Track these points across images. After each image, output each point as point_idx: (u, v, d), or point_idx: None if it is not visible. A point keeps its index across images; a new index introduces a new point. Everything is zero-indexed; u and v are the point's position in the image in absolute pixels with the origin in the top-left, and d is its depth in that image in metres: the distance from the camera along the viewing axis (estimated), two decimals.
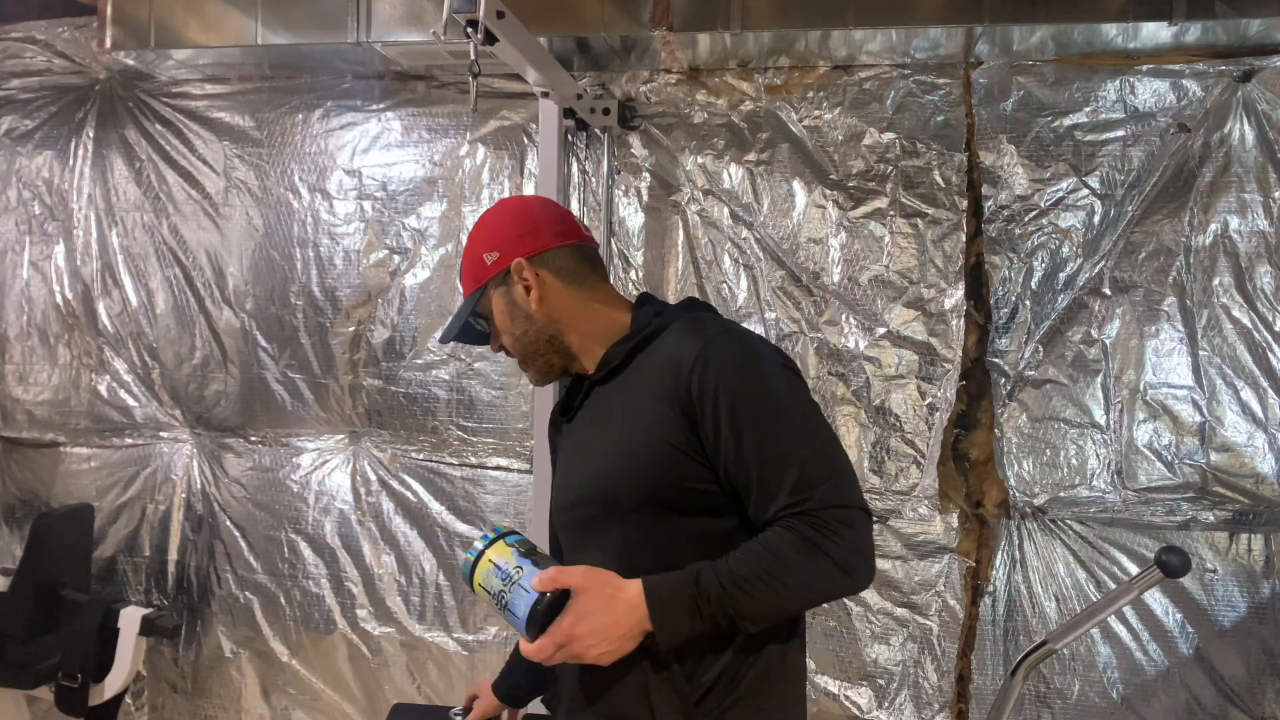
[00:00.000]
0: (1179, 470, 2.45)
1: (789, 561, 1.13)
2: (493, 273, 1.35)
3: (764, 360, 1.22)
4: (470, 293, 1.39)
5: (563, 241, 1.36)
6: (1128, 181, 2.49)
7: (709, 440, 1.18)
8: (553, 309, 1.34)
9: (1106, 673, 2.47)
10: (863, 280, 2.61)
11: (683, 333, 1.24)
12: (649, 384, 1.23)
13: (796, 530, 1.13)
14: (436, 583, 2.84)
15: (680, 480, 1.19)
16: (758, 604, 1.13)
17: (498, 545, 1.19)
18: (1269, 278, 2.44)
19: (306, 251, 2.92)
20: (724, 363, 1.18)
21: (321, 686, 2.91)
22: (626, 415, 1.24)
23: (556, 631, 1.13)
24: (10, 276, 3.11)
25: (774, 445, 1.16)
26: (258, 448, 2.96)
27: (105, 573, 3.03)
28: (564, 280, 1.34)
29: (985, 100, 2.56)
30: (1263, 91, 2.43)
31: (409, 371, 2.86)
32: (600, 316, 1.35)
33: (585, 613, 1.13)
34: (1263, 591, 2.42)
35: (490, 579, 1.18)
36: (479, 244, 1.38)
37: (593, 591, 1.13)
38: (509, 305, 1.35)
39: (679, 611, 1.13)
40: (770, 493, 1.15)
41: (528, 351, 1.37)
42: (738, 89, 2.69)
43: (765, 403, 1.17)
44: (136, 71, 2.97)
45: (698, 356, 1.18)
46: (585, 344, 1.35)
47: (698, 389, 1.17)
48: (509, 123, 2.81)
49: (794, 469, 1.15)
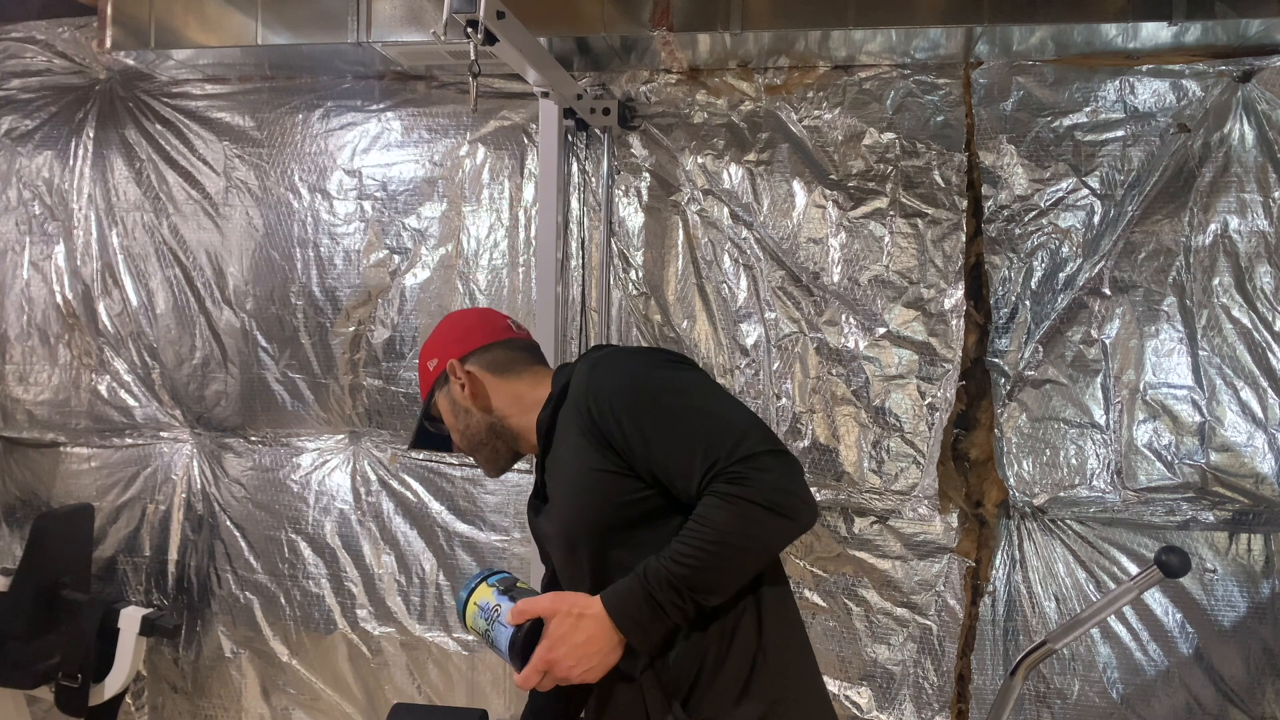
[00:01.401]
0: (1179, 470, 2.45)
1: (718, 522, 1.15)
2: (434, 376, 1.50)
3: (643, 363, 1.32)
4: (424, 399, 1.53)
5: (490, 339, 1.49)
6: (1128, 181, 2.49)
7: (625, 453, 1.24)
8: (486, 400, 1.46)
9: (1106, 673, 2.47)
10: (863, 280, 2.61)
11: (577, 374, 1.33)
12: (568, 427, 1.31)
13: (717, 492, 1.17)
14: (436, 583, 2.84)
15: (620, 498, 1.25)
16: (707, 575, 1.17)
17: (480, 588, 1.28)
18: (1269, 278, 2.44)
19: (306, 251, 2.93)
20: (609, 381, 1.27)
21: (321, 686, 2.91)
22: (565, 462, 1.32)
23: (536, 660, 1.19)
24: (10, 276, 3.11)
25: (675, 432, 1.21)
26: (258, 448, 2.97)
27: (105, 573, 3.03)
28: (494, 372, 1.46)
29: (985, 100, 2.56)
30: (1262, 91, 2.44)
31: (409, 371, 2.86)
32: (529, 397, 1.44)
33: (558, 637, 1.18)
34: (1262, 591, 2.42)
35: (476, 620, 1.26)
36: (424, 355, 1.53)
37: (560, 615, 1.19)
38: (451, 404, 1.49)
39: (639, 610, 1.17)
40: (687, 474, 1.19)
41: (474, 442, 1.49)
42: (738, 89, 2.69)
43: (654, 399, 1.24)
44: (136, 71, 2.97)
45: (587, 386, 1.27)
46: (522, 425, 1.45)
47: (597, 413, 1.25)
48: (509, 123, 2.82)
49: (699, 443, 1.19)
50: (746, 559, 1.20)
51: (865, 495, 2.58)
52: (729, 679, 1.23)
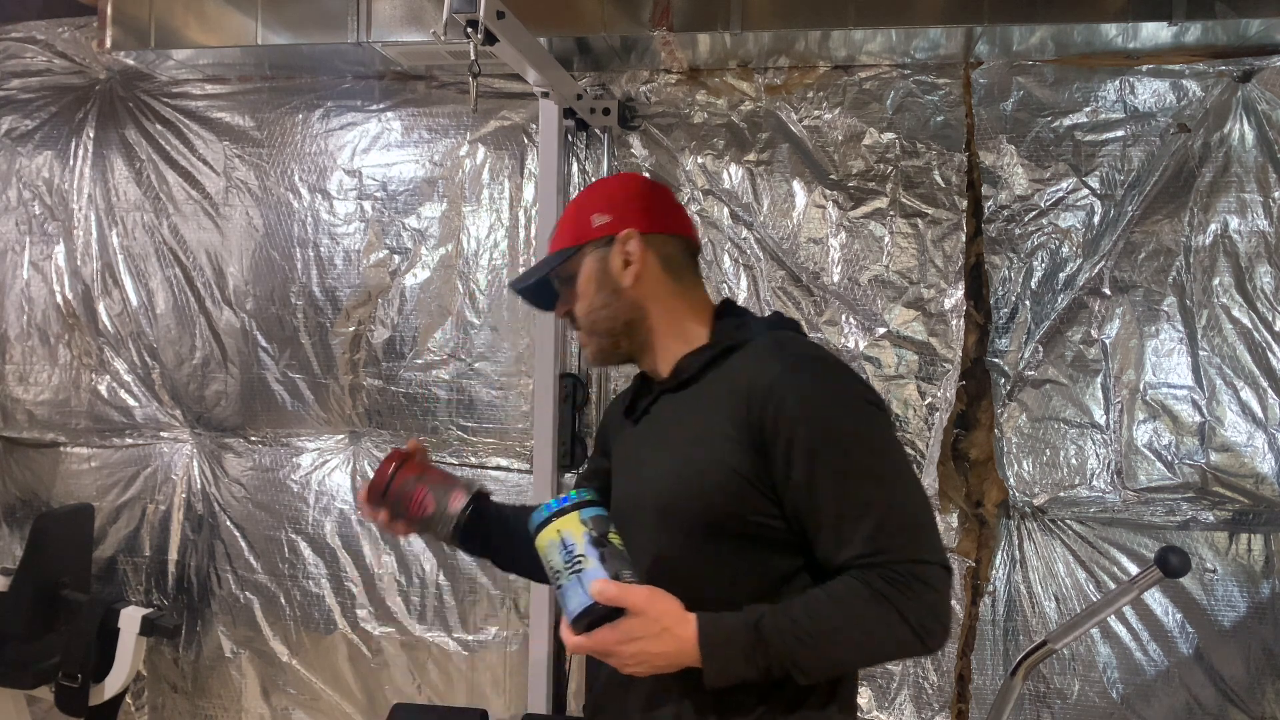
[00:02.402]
0: (1179, 470, 2.45)
1: (859, 617, 1.06)
2: (596, 235, 1.27)
3: (846, 393, 1.15)
4: (562, 248, 1.30)
5: (678, 231, 1.31)
6: (1127, 181, 2.49)
7: (779, 474, 1.11)
8: (643, 293, 1.26)
9: (1106, 673, 2.47)
10: (863, 280, 2.61)
11: (762, 354, 1.17)
12: (721, 403, 1.16)
13: (870, 584, 1.06)
14: (436, 583, 2.84)
15: (740, 509, 1.13)
16: (818, 658, 1.07)
17: (571, 517, 1.10)
18: (1269, 278, 2.44)
19: (306, 251, 2.92)
20: (803, 393, 1.11)
21: (321, 686, 2.91)
22: (693, 432, 1.18)
23: (599, 640, 1.08)
24: (10, 276, 3.11)
25: (851, 488, 1.09)
26: (258, 448, 2.96)
27: (105, 573, 3.03)
28: (665, 269, 1.27)
29: (985, 100, 2.56)
30: (1263, 91, 2.44)
31: (409, 371, 2.86)
32: (684, 318, 1.28)
33: (634, 636, 1.07)
34: (1263, 591, 2.42)
35: (552, 553, 1.10)
36: (591, 204, 1.30)
37: (648, 618, 1.06)
38: (600, 273, 1.27)
39: (733, 656, 1.06)
40: (844, 539, 1.08)
41: (599, 327, 1.28)
42: (738, 89, 2.69)
43: (845, 441, 1.10)
44: (136, 71, 2.97)
45: (775, 383, 1.11)
46: (662, 341, 1.28)
47: (772, 418, 1.10)
48: (509, 123, 2.82)
49: (871, 516, 1.07)
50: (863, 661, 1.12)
51: None
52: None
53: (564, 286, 1.32)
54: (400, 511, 1.30)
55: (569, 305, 1.32)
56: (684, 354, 1.25)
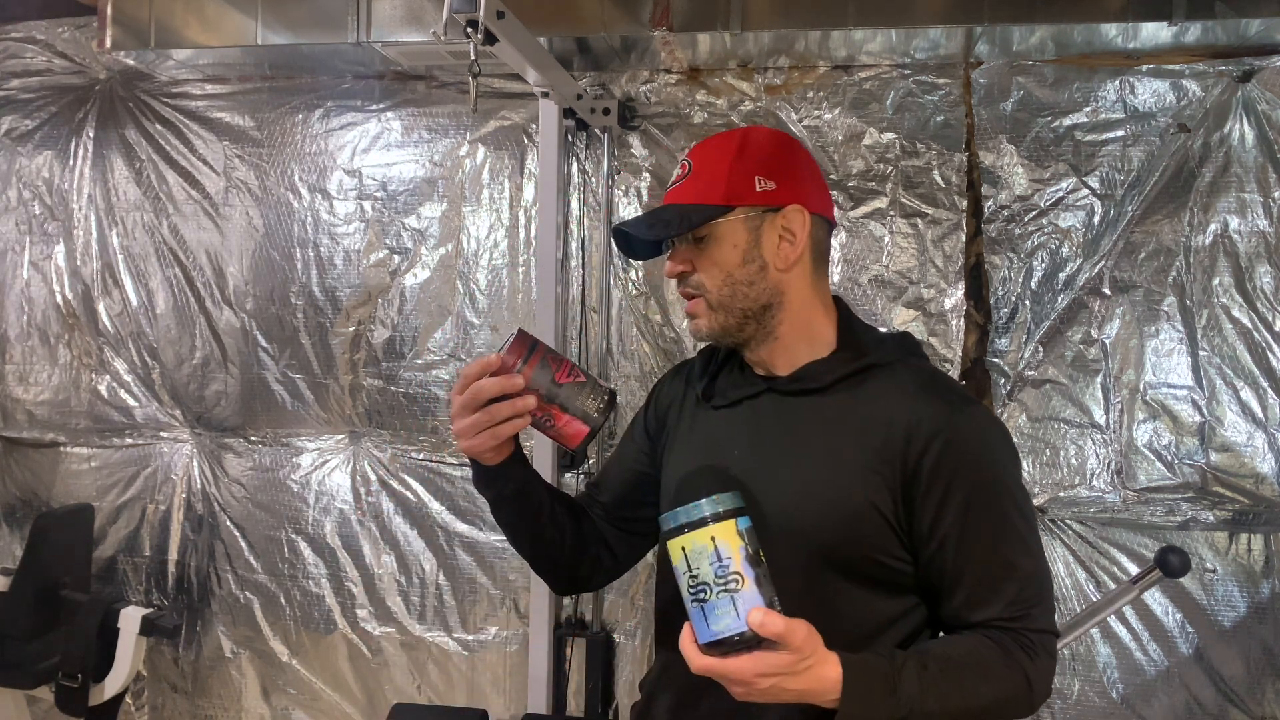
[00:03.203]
0: (1179, 470, 2.45)
1: (993, 677, 1.05)
2: (757, 200, 1.12)
3: (1005, 448, 1.11)
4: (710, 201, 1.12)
5: (829, 215, 1.19)
6: (1127, 181, 2.49)
7: (925, 520, 1.07)
8: (790, 279, 1.15)
9: (1106, 673, 2.47)
10: (863, 280, 2.61)
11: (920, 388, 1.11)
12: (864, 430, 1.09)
13: (1005, 647, 1.05)
14: (436, 583, 2.84)
15: (872, 547, 1.08)
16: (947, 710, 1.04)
17: (728, 525, 0.98)
18: (1269, 278, 2.44)
19: (306, 251, 2.92)
20: (970, 446, 1.07)
21: (321, 686, 2.91)
22: (828, 453, 1.10)
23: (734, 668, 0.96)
24: (10, 276, 3.11)
25: (1000, 550, 1.07)
26: (258, 448, 2.96)
27: (105, 573, 3.03)
28: (814, 257, 1.16)
29: (985, 100, 2.56)
30: (1263, 91, 2.44)
31: (409, 371, 2.86)
32: (816, 316, 1.18)
33: (775, 670, 0.96)
34: (1263, 591, 2.42)
35: (702, 562, 0.97)
36: (753, 161, 1.13)
37: (794, 656, 0.96)
38: (751, 245, 1.13)
39: (872, 698, 1.00)
40: (984, 599, 1.07)
41: (733, 303, 1.14)
42: (738, 89, 2.69)
43: (1000, 499, 1.07)
44: (136, 71, 2.97)
45: (942, 428, 1.06)
46: (790, 336, 1.16)
47: (931, 464, 1.05)
48: (509, 123, 2.82)
49: (1014, 581, 1.06)
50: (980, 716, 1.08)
51: None
52: None
53: (689, 245, 1.16)
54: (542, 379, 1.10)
55: (689, 266, 1.16)
56: (811, 358, 1.17)
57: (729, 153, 1.15)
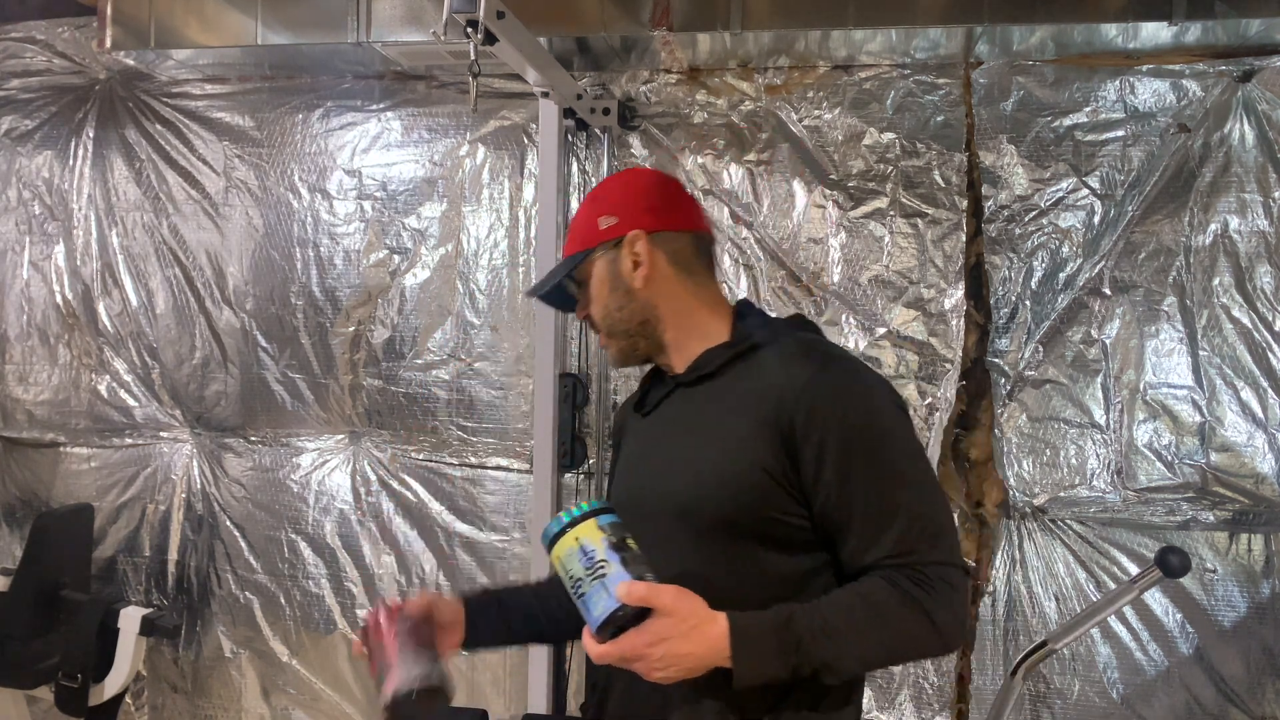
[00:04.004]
0: (1179, 470, 2.45)
1: (888, 616, 1.08)
2: (605, 238, 1.27)
3: (877, 396, 1.16)
4: (573, 253, 1.31)
5: (686, 227, 1.30)
6: (1128, 181, 2.49)
7: (809, 474, 1.12)
8: (655, 292, 1.26)
9: (1106, 673, 2.47)
10: (863, 280, 2.61)
11: (792, 355, 1.18)
12: (748, 402, 1.16)
13: (898, 584, 1.08)
14: (436, 583, 2.84)
15: (767, 509, 1.13)
16: (847, 656, 1.08)
17: (588, 524, 1.08)
18: (1269, 278, 2.44)
19: (306, 251, 2.92)
20: (836, 395, 1.13)
21: (321, 686, 2.91)
22: (718, 429, 1.18)
23: (626, 645, 1.04)
24: (10, 276, 3.11)
25: (882, 491, 1.11)
26: (258, 448, 2.96)
27: (105, 573, 3.03)
28: (675, 266, 1.27)
29: (985, 100, 2.56)
30: (1263, 91, 2.43)
31: (409, 371, 2.86)
32: (700, 314, 1.28)
33: (663, 637, 1.04)
34: (1263, 591, 2.42)
35: (572, 561, 1.07)
36: (597, 207, 1.30)
37: (677, 617, 1.04)
38: (611, 276, 1.27)
39: (764, 654, 1.05)
40: (871, 540, 1.10)
41: (616, 328, 1.29)
42: (738, 89, 2.69)
43: (876, 443, 1.12)
44: (136, 71, 2.97)
45: (808, 384, 1.12)
46: (679, 338, 1.27)
47: (804, 419, 1.11)
48: (509, 123, 2.82)
49: (900, 518, 1.09)
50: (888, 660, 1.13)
51: None
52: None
53: (580, 291, 1.33)
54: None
55: (586, 309, 1.33)
56: (703, 350, 1.25)
57: (584, 206, 1.33)
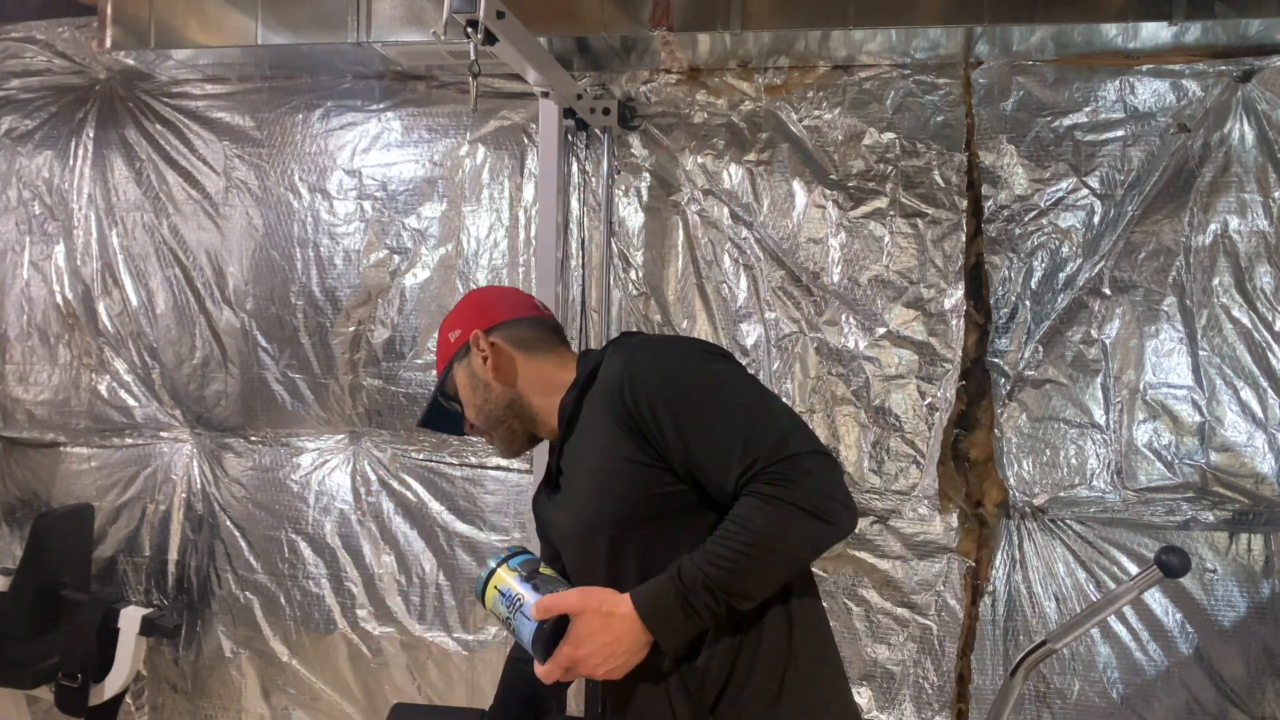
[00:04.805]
0: (1179, 470, 2.45)
1: (757, 525, 1.13)
2: (455, 348, 1.44)
3: (681, 355, 1.27)
4: (440, 372, 1.47)
5: (516, 314, 1.45)
6: (1127, 181, 2.49)
7: (660, 445, 1.21)
8: (509, 375, 1.41)
9: (1106, 673, 2.47)
10: (863, 280, 2.61)
11: (611, 359, 1.29)
12: (597, 415, 1.27)
13: (756, 492, 1.14)
14: (436, 583, 2.84)
15: (649, 490, 1.22)
16: (744, 578, 1.14)
17: (501, 571, 1.22)
18: (1269, 278, 2.44)
19: (306, 251, 2.92)
20: (647, 369, 1.23)
21: (321, 686, 2.91)
22: (590, 450, 1.29)
23: (560, 657, 1.17)
24: (10, 276, 3.11)
25: (714, 426, 1.18)
26: (258, 448, 2.96)
27: (105, 573, 3.03)
28: (518, 348, 1.41)
29: (985, 100, 2.56)
30: (1263, 91, 2.43)
31: (409, 371, 2.86)
32: (553, 378, 1.40)
33: (584, 635, 1.16)
34: (1263, 591, 2.42)
35: (497, 606, 1.22)
36: (445, 327, 1.48)
37: (588, 613, 1.16)
38: (470, 377, 1.42)
39: (671, 613, 1.14)
40: (724, 470, 1.17)
41: (490, 420, 1.42)
42: (738, 89, 2.69)
43: (693, 391, 1.21)
44: (136, 71, 2.97)
45: (624, 372, 1.23)
46: (545, 405, 1.40)
47: (633, 401, 1.21)
48: (509, 123, 2.82)
49: (738, 439, 1.16)
50: (783, 562, 1.17)
51: (865, 495, 2.58)
52: (759, 687, 1.21)
53: (457, 405, 1.47)
54: None
55: (468, 419, 1.46)
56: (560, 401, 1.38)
57: (438, 336, 1.50)
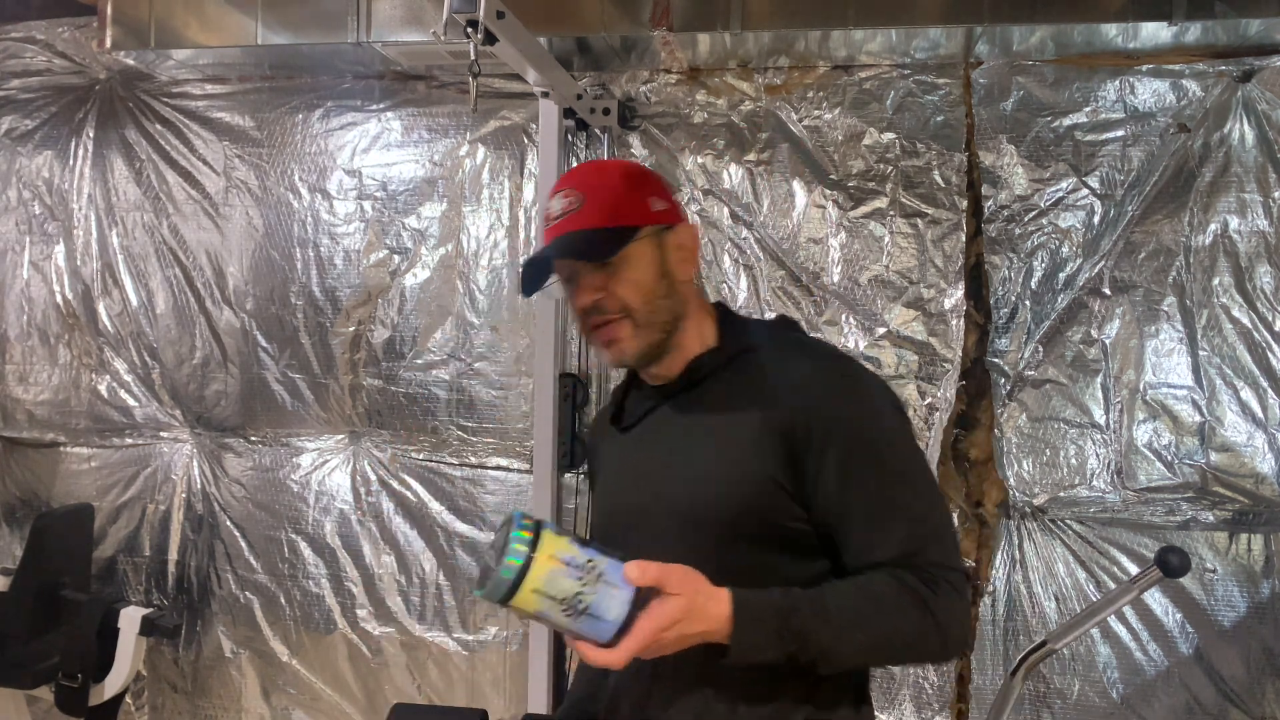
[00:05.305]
0: (1179, 470, 2.45)
1: (891, 611, 1.05)
2: (657, 221, 1.18)
3: (878, 397, 1.15)
4: (617, 224, 1.16)
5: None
6: (1127, 181, 2.49)
7: (810, 477, 1.09)
8: (688, 290, 1.21)
9: (1106, 673, 2.47)
10: (863, 280, 2.61)
11: (787, 357, 1.16)
12: (746, 406, 1.13)
13: (904, 581, 1.06)
14: (436, 583, 2.84)
15: (771, 513, 1.10)
16: (845, 646, 1.05)
17: (548, 539, 0.95)
18: (1269, 278, 2.44)
19: (306, 251, 2.92)
20: (836, 394, 1.11)
21: (321, 686, 2.91)
22: (720, 436, 1.14)
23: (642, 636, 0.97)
24: (10, 276, 3.11)
25: (884, 492, 1.09)
26: (258, 448, 2.96)
27: (105, 573, 3.03)
28: (695, 268, 1.23)
29: (985, 100, 2.56)
30: (1262, 91, 2.43)
31: (409, 371, 2.86)
32: (702, 318, 1.23)
33: (674, 618, 0.98)
34: (1263, 591, 2.42)
35: (559, 581, 0.94)
36: (643, 185, 1.21)
37: (685, 596, 0.99)
38: (660, 262, 1.17)
39: (762, 634, 1.02)
40: (876, 542, 1.08)
41: (653, 319, 1.17)
42: (738, 89, 2.69)
43: (877, 443, 1.10)
44: (136, 71, 2.97)
45: (806, 383, 1.11)
46: (682, 341, 1.20)
47: (806, 421, 1.09)
48: (509, 123, 2.81)
49: (904, 521, 1.08)
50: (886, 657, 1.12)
51: None
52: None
53: (597, 272, 1.17)
54: None
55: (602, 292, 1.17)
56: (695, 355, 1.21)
57: (615, 179, 1.21)
